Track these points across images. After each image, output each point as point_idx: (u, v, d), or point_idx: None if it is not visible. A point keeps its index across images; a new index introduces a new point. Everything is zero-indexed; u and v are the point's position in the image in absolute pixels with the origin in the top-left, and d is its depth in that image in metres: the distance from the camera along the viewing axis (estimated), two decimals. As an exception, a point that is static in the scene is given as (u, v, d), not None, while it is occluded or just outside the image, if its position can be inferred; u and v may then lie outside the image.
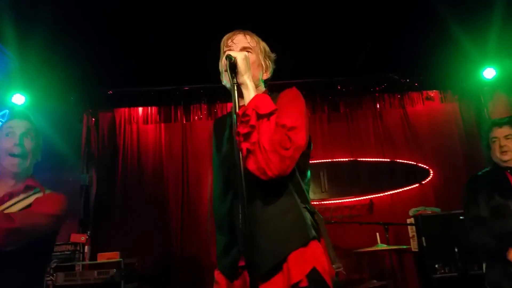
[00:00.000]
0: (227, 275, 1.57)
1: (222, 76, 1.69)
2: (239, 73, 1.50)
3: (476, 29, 4.13)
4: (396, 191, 5.12)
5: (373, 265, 4.78)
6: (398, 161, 5.20)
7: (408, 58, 4.71)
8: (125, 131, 5.26)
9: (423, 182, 5.15)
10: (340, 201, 5.09)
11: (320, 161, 5.11)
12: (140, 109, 5.33)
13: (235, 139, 1.41)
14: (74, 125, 5.09)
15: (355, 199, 5.09)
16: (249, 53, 1.65)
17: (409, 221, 4.57)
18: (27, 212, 1.88)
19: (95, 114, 5.23)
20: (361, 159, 5.19)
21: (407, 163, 5.20)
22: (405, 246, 4.37)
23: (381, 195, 5.11)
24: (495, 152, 2.59)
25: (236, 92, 1.46)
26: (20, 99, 4.67)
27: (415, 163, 5.19)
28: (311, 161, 1.71)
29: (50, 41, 3.92)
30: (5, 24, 3.68)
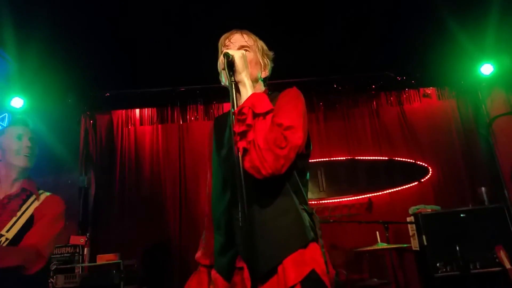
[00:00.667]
0: (223, 275, 1.56)
1: (220, 75, 1.68)
2: (236, 71, 1.50)
3: (473, 25, 4.12)
4: (395, 190, 5.10)
5: (373, 264, 4.76)
6: (396, 159, 5.19)
7: (404, 55, 4.70)
8: (122, 132, 5.29)
9: (422, 180, 5.14)
10: (338, 200, 5.08)
11: (317, 160, 5.11)
12: (137, 111, 5.35)
13: (233, 138, 1.41)
14: (72, 127, 5.11)
15: (353, 198, 5.08)
16: (247, 51, 1.65)
17: (409, 219, 4.56)
18: (40, 233, 2.07)
19: (92, 116, 5.26)
20: (359, 158, 5.17)
21: (405, 161, 5.18)
22: (405, 244, 4.37)
23: (380, 193, 5.09)
24: None
25: (234, 90, 1.46)
26: (18, 102, 4.71)
27: (414, 161, 5.17)
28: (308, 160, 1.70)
29: (47, 44, 3.96)
30: (3, 28, 3.72)
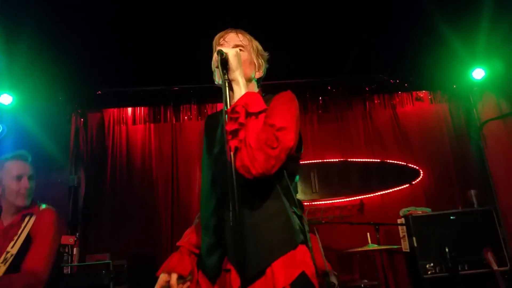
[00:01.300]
0: (209, 276, 1.55)
1: (214, 74, 1.66)
2: (230, 69, 1.48)
3: (465, 30, 4.16)
4: (386, 192, 5.13)
5: (364, 265, 4.78)
6: (388, 161, 5.22)
7: (398, 59, 4.72)
8: (114, 131, 5.22)
9: (413, 182, 5.18)
10: (330, 202, 5.09)
11: (310, 161, 5.11)
12: (129, 110, 5.29)
13: (225, 136, 1.40)
14: (62, 125, 5.03)
15: (345, 200, 5.09)
16: (241, 51, 1.63)
17: (399, 221, 4.59)
18: (37, 253, 2.25)
19: (83, 114, 5.18)
20: (352, 160, 5.19)
21: (397, 163, 5.22)
22: (396, 246, 4.39)
23: (372, 195, 5.12)
24: None
25: (227, 88, 1.45)
26: (7, 99, 4.63)
27: (405, 164, 5.21)
28: (301, 162, 1.69)
29: (38, 39, 3.88)
30: (-9, 22, 3.64)
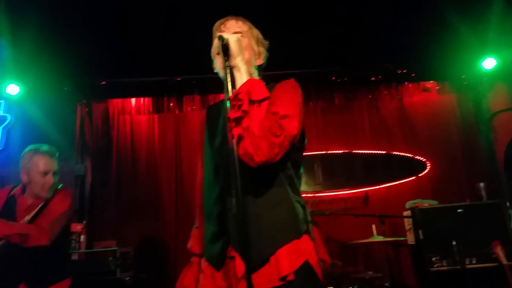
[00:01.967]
0: (213, 264, 1.55)
1: (214, 62, 1.64)
2: (231, 55, 1.46)
3: (475, 18, 4.05)
4: (392, 184, 5.08)
5: (368, 257, 4.76)
6: (394, 153, 5.15)
7: (404, 48, 4.61)
8: (118, 121, 5.28)
9: (420, 174, 5.11)
10: (334, 194, 5.07)
11: (314, 153, 5.08)
12: (133, 100, 5.34)
13: (227, 125, 1.38)
14: (68, 115, 5.08)
15: (350, 192, 5.06)
16: (242, 37, 1.61)
17: (405, 213, 4.54)
18: (48, 215, 2.45)
19: (88, 104, 5.24)
20: (356, 151, 5.14)
21: (403, 155, 5.15)
22: (401, 238, 4.36)
23: (377, 187, 5.07)
24: None
25: (228, 75, 1.42)
26: (14, 89, 4.69)
27: (412, 156, 5.14)
28: (305, 153, 1.68)
29: (43, 30, 3.94)
30: (-3, 12, 3.66)
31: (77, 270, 3.75)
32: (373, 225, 4.16)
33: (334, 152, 5.15)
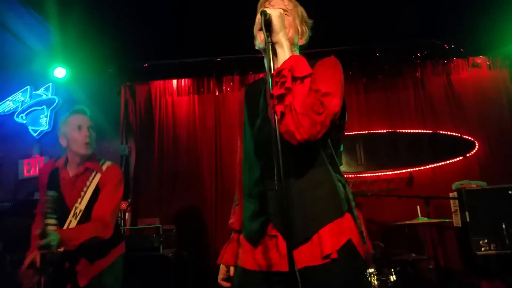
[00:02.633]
0: (252, 241, 1.57)
1: (255, 38, 1.63)
2: (274, 31, 1.43)
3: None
4: (438, 165, 4.89)
5: (412, 239, 4.65)
6: (440, 132, 4.95)
7: (453, 21, 4.38)
8: (160, 103, 5.38)
9: (468, 154, 4.89)
10: (377, 175, 4.95)
11: (356, 132, 4.97)
12: (174, 81, 5.41)
13: (269, 101, 1.36)
14: (112, 97, 5.26)
15: (393, 173, 4.93)
16: (286, 15, 1.58)
17: (451, 195, 4.39)
18: (105, 204, 2.47)
19: (132, 86, 5.37)
20: (401, 131, 4.97)
21: (450, 134, 4.93)
22: (447, 219, 4.23)
23: (422, 168, 4.90)
24: None
25: (271, 51, 1.39)
26: (61, 72, 4.87)
27: (459, 135, 4.92)
28: (346, 133, 1.65)
29: (88, 14, 4.02)
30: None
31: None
32: (418, 206, 4.05)
33: (377, 131, 5.00)
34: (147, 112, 5.36)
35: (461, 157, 4.89)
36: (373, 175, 4.95)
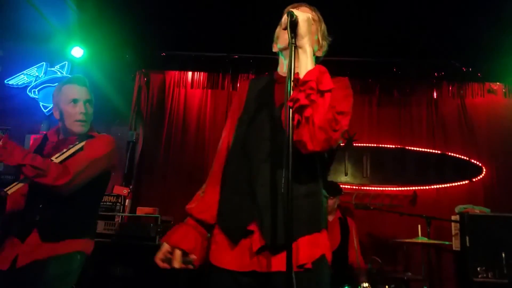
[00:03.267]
0: (231, 236, 1.55)
1: (275, 40, 1.63)
2: (299, 35, 1.40)
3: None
4: (443, 186, 4.86)
5: (409, 258, 4.63)
6: (449, 154, 4.93)
7: (473, 45, 4.38)
8: (173, 93, 5.38)
9: (474, 179, 4.86)
10: (381, 189, 4.92)
11: (364, 144, 4.93)
12: (189, 74, 5.41)
13: (288, 105, 1.34)
14: (127, 82, 5.28)
15: (397, 189, 4.90)
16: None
17: (453, 218, 4.36)
18: (79, 157, 2.14)
19: (147, 74, 5.38)
20: (409, 148, 4.95)
21: (458, 157, 4.91)
22: (447, 242, 4.20)
23: (427, 188, 4.88)
24: None
25: (293, 53, 1.37)
26: (79, 52, 4.91)
27: (468, 159, 4.89)
28: (354, 144, 1.70)
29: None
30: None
31: (120, 232, 3.89)
32: (419, 225, 4.03)
33: (385, 146, 4.98)
34: (159, 101, 5.35)
35: (467, 181, 4.87)
36: (377, 189, 4.93)
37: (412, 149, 4.96)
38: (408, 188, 4.89)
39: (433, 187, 4.89)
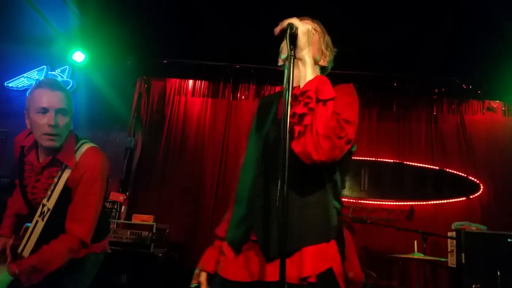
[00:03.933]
0: (234, 247, 1.56)
1: (280, 55, 1.63)
2: (298, 47, 1.41)
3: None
4: (440, 202, 4.86)
5: (404, 273, 4.60)
6: (447, 170, 4.93)
7: (473, 63, 4.40)
8: (173, 101, 5.39)
9: (471, 196, 4.86)
10: (378, 203, 4.91)
11: (363, 158, 4.94)
12: (190, 82, 5.42)
13: (287, 118, 1.33)
14: (127, 88, 5.28)
15: (395, 203, 4.89)
16: (313, 33, 1.57)
17: (450, 234, 4.35)
18: (85, 201, 1.95)
19: (148, 81, 5.39)
20: (408, 163, 4.95)
21: (456, 174, 4.91)
22: (442, 259, 4.18)
23: (424, 203, 4.87)
24: None
25: (292, 64, 1.35)
26: (80, 56, 4.91)
27: (465, 175, 4.89)
28: (353, 157, 1.65)
29: (113, 4, 4.04)
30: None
31: (113, 238, 3.88)
32: (415, 241, 4.01)
33: (384, 160, 4.98)
34: (159, 108, 5.36)
35: (464, 198, 4.86)
36: (375, 203, 4.92)
37: (410, 164, 4.96)
38: (405, 203, 4.88)
39: (430, 202, 4.88)
